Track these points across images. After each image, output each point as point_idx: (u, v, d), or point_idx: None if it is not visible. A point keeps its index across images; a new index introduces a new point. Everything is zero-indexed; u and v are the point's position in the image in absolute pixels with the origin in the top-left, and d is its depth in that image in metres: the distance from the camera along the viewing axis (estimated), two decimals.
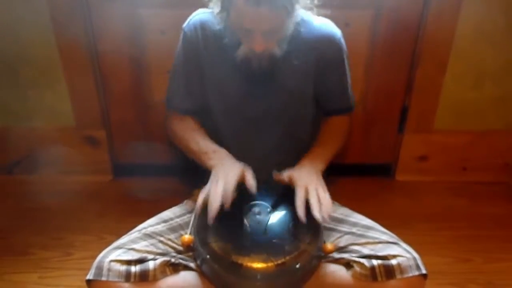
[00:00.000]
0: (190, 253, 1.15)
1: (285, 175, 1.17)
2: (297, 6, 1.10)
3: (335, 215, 1.25)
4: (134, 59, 1.75)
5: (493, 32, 1.71)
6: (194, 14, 1.27)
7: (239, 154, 1.21)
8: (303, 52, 1.24)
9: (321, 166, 1.23)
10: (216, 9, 1.14)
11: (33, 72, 1.78)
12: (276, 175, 1.18)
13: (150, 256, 1.09)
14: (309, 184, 1.12)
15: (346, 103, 1.40)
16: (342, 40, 1.27)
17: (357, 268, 1.09)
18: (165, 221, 1.21)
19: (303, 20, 1.22)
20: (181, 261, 1.13)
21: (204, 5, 1.19)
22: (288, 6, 1.05)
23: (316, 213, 1.07)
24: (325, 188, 1.14)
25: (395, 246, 1.10)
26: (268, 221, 1.08)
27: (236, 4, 1.05)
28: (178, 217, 1.24)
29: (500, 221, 1.79)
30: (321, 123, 1.39)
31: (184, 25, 1.27)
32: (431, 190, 1.96)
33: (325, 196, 1.12)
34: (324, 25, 1.26)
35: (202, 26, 1.24)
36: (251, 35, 1.08)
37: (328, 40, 1.26)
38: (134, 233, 1.15)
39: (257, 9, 1.02)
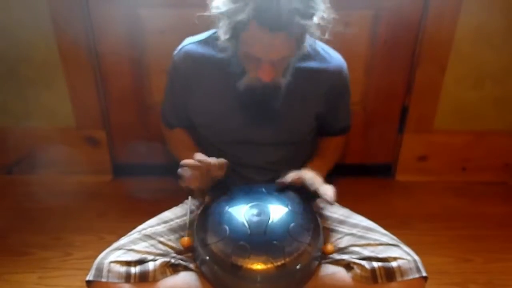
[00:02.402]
0: (190, 254, 1.15)
1: (286, 180, 1.18)
2: (306, 37, 1.10)
3: (336, 215, 1.25)
4: (134, 60, 1.75)
5: (493, 33, 1.71)
6: (183, 43, 1.29)
7: (237, 164, 1.22)
8: (314, 83, 1.25)
9: (321, 175, 1.23)
10: (224, 36, 1.10)
11: (33, 72, 1.78)
12: (279, 183, 1.18)
13: (150, 257, 1.09)
14: (315, 176, 1.16)
15: (345, 126, 1.45)
16: (347, 71, 1.30)
17: (357, 270, 1.08)
18: (165, 222, 1.21)
19: (313, 51, 1.24)
20: (181, 261, 1.13)
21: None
22: (302, 36, 1.05)
23: (327, 196, 1.10)
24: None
25: (395, 248, 1.10)
26: (268, 222, 1.07)
27: (249, 30, 1.02)
28: (178, 218, 1.23)
29: (500, 221, 1.80)
30: (320, 140, 1.43)
31: (175, 52, 1.29)
32: (431, 190, 1.96)
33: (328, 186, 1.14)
34: (333, 57, 1.28)
35: (190, 57, 1.25)
36: (260, 64, 1.07)
37: (338, 73, 1.27)
38: (134, 234, 1.15)
39: (273, 34, 1.00)
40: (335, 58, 1.28)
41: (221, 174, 1.15)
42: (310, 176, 1.16)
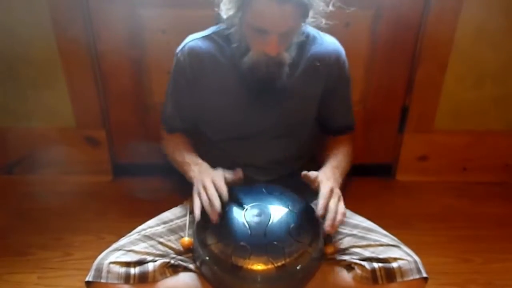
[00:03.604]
0: (190, 254, 1.15)
1: (312, 174, 1.14)
2: (311, 12, 1.10)
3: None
4: (134, 59, 1.75)
5: (494, 32, 1.71)
6: (186, 40, 1.28)
7: (239, 163, 1.22)
8: (312, 71, 1.25)
9: (339, 179, 1.20)
10: (230, 12, 1.12)
11: (33, 72, 1.78)
12: (304, 174, 1.15)
13: (150, 258, 1.09)
14: (335, 188, 1.11)
15: (349, 122, 1.42)
16: (345, 57, 1.30)
17: (358, 270, 1.08)
18: (164, 223, 1.21)
19: (311, 37, 1.25)
20: (180, 262, 1.12)
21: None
22: (308, 5, 1.05)
23: (329, 221, 1.04)
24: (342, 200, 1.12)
25: (396, 249, 1.10)
26: (268, 222, 1.07)
27: (257, 2, 1.04)
28: (177, 218, 1.23)
29: (500, 221, 1.79)
30: (329, 142, 1.38)
31: (178, 49, 1.28)
32: (431, 190, 1.96)
33: (343, 207, 1.08)
34: (330, 42, 1.28)
35: (194, 52, 1.25)
36: (267, 38, 1.07)
37: (336, 58, 1.27)
38: (133, 235, 1.15)
39: (282, 5, 1.01)
40: (331, 43, 1.28)
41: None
42: (326, 190, 1.09)
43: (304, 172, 1.15)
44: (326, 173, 1.17)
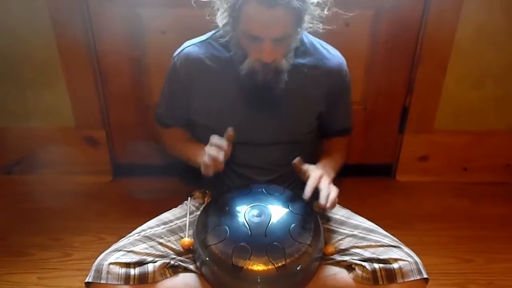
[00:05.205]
0: (190, 255, 1.15)
1: (304, 166, 1.18)
2: (306, 17, 1.10)
3: (337, 216, 1.25)
4: (134, 59, 1.75)
5: (494, 32, 1.71)
6: (183, 46, 1.28)
7: (238, 164, 1.24)
8: (314, 81, 1.25)
9: (332, 174, 1.24)
10: (224, 20, 1.12)
11: (33, 72, 1.78)
12: (295, 163, 1.19)
13: (150, 259, 1.09)
14: (323, 176, 1.14)
15: (347, 126, 1.45)
16: (347, 68, 1.31)
17: (358, 271, 1.08)
18: (164, 223, 1.21)
19: (313, 48, 1.25)
20: (180, 263, 1.12)
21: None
22: (300, 10, 1.05)
23: (323, 199, 1.08)
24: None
25: (396, 250, 1.09)
26: (268, 223, 1.07)
27: (248, 7, 1.04)
28: (177, 219, 1.23)
29: (501, 221, 1.79)
30: (325, 144, 1.43)
31: (175, 54, 1.29)
32: (431, 190, 1.95)
33: (334, 189, 1.13)
34: (333, 54, 1.29)
35: (190, 58, 1.25)
36: (260, 44, 1.07)
37: (338, 71, 1.28)
38: (133, 236, 1.15)
39: (271, 10, 1.01)
40: (334, 55, 1.29)
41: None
42: (316, 175, 1.14)
43: (297, 160, 1.17)
44: (317, 166, 1.21)
